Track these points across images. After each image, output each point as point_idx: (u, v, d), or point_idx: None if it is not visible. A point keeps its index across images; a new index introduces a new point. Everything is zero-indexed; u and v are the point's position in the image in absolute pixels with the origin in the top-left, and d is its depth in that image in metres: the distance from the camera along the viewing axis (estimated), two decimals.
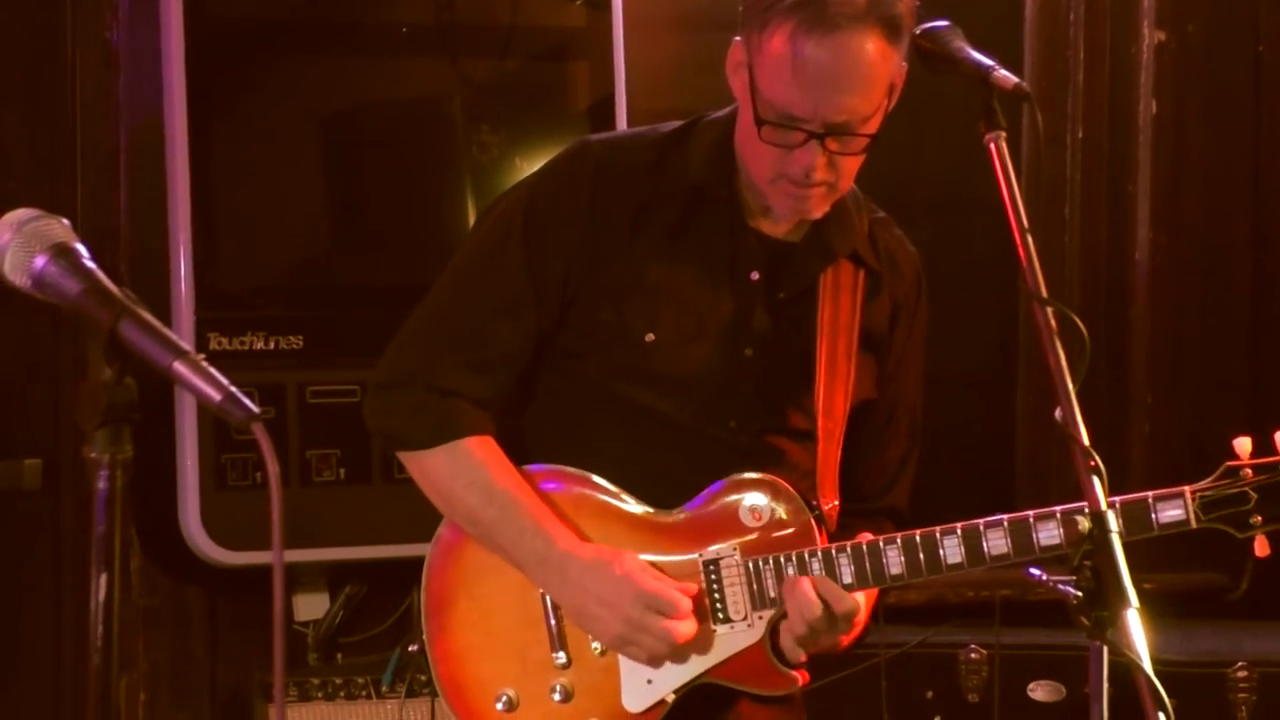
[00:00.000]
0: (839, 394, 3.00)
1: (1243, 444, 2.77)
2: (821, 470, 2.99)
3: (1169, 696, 2.26)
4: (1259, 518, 2.76)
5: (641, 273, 2.95)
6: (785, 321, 2.99)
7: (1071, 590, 2.33)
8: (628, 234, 2.95)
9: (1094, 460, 2.38)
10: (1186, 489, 2.77)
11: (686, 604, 2.88)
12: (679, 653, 2.90)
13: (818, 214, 2.92)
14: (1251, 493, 2.76)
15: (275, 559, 1.99)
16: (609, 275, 2.95)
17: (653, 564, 2.91)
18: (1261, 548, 2.77)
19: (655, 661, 2.90)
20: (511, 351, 2.97)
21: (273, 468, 1.97)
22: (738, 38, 2.86)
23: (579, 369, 2.99)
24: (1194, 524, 2.77)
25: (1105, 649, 2.35)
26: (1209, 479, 2.78)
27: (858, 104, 2.77)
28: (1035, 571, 2.43)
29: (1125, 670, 2.32)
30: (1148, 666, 2.25)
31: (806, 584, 2.85)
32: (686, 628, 2.87)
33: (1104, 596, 2.30)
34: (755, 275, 2.97)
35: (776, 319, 2.99)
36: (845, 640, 2.95)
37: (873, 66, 2.76)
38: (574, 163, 3.00)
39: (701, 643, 2.92)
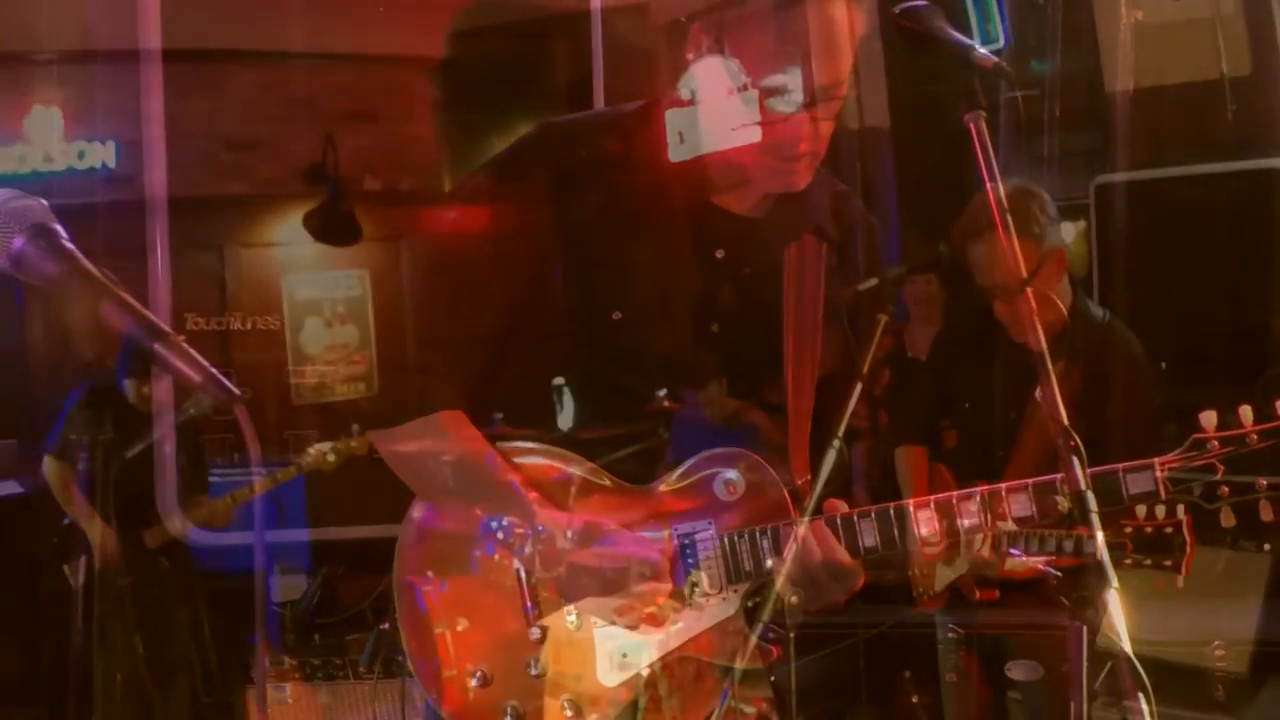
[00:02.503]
0: (807, 369, 3.00)
1: (1209, 417, 2.79)
2: (793, 445, 3.00)
3: (1146, 674, 2.26)
4: (1226, 489, 2.78)
5: (608, 252, 2.96)
6: (751, 297, 2.99)
7: (1051, 571, 2.33)
8: (593, 214, 2.95)
9: (1073, 440, 2.38)
10: (1155, 461, 2.79)
11: (662, 573, 2.88)
12: (653, 624, 2.91)
13: (803, 184, 2.93)
14: (1218, 464, 2.77)
15: (257, 540, 1.99)
16: (576, 255, 2.95)
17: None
18: (1227, 518, 2.79)
19: (630, 628, 2.91)
20: (479, 330, 2.97)
21: (254, 450, 1.97)
22: (695, 25, 2.86)
23: (549, 347, 2.99)
24: (1163, 494, 2.79)
25: (1085, 629, 2.35)
26: (1177, 451, 2.80)
27: (834, 68, 2.81)
28: (1016, 552, 2.44)
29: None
30: (1127, 647, 2.25)
31: (808, 532, 2.86)
32: (661, 596, 2.88)
33: (1084, 577, 2.30)
34: (720, 252, 2.98)
35: (742, 295, 2.99)
36: (845, 598, 2.96)
37: (847, 31, 2.80)
38: (537, 144, 3.00)
39: (676, 616, 2.92)
